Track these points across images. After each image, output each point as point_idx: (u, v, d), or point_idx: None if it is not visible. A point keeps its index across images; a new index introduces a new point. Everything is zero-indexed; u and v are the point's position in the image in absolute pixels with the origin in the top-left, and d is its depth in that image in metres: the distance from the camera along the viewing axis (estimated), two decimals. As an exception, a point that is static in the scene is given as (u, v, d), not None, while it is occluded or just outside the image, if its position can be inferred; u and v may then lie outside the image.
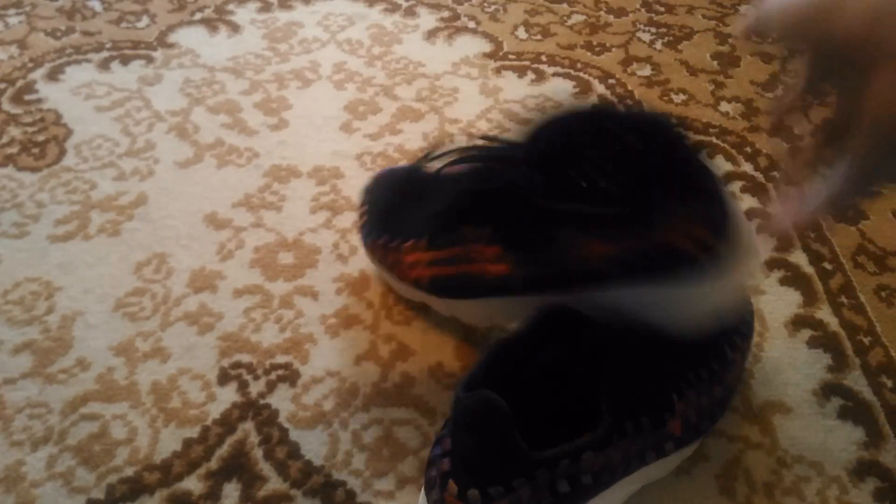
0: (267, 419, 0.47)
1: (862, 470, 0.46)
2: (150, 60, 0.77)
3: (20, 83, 0.73)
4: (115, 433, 0.46)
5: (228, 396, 0.48)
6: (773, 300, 0.56)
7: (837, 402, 0.50)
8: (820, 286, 0.58)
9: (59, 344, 0.51)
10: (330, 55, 0.79)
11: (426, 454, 0.45)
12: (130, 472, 0.44)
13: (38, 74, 0.74)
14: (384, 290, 0.55)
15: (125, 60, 0.77)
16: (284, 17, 0.85)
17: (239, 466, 0.45)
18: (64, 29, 0.81)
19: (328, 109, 0.72)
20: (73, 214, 0.60)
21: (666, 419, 0.41)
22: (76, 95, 0.72)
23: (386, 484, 0.44)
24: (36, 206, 0.61)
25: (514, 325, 0.42)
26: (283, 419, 0.47)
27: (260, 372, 0.50)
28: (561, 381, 0.41)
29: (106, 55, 0.77)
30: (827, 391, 0.50)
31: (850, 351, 0.53)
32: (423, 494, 0.39)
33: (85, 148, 0.66)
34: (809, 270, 0.59)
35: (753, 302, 0.50)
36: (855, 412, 0.49)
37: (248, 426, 0.47)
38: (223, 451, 0.46)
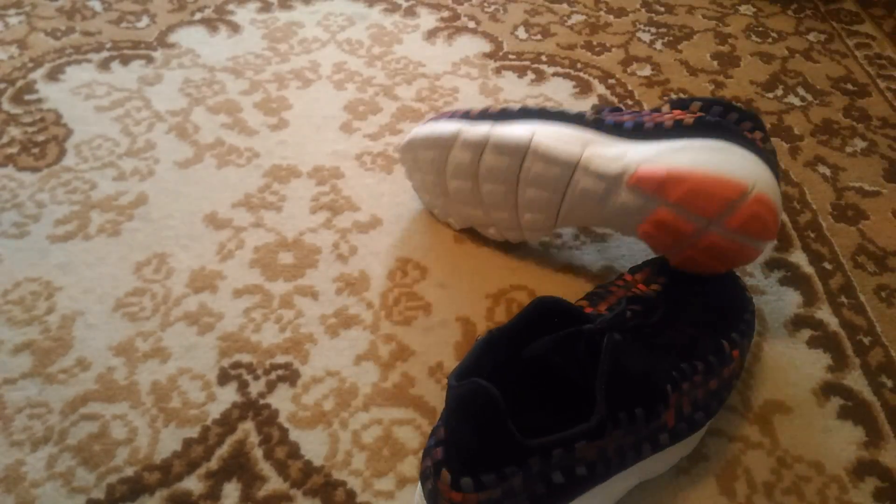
0: (267, 419, 0.47)
1: (862, 470, 0.46)
2: (150, 60, 0.77)
3: (20, 83, 0.73)
4: (115, 433, 0.46)
5: (228, 396, 0.48)
6: (773, 300, 0.56)
7: (837, 402, 0.50)
8: (820, 286, 0.58)
9: (59, 344, 0.51)
10: (330, 55, 0.79)
11: (426, 454, 0.45)
12: (130, 472, 0.44)
13: (38, 74, 0.74)
14: (384, 289, 0.56)
15: (125, 60, 0.77)
16: (284, 17, 0.85)
17: (239, 466, 0.45)
18: (64, 29, 0.81)
19: (328, 109, 0.72)
20: (73, 214, 0.60)
21: (660, 410, 0.41)
22: (76, 95, 0.72)
23: (386, 484, 0.44)
24: (36, 206, 0.61)
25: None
26: (283, 419, 0.47)
27: (260, 372, 0.50)
28: (555, 371, 0.41)
29: (106, 55, 0.77)
30: (827, 391, 0.50)
31: (850, 351, 0.53)
32: (419, 486, 0.39)
33: (85, 148, 0.66)
34: (809, 270, 0.59)
35: (754, 302, 0.50)
36: (855, 412, 0.49)
37: (248, 426, 0.47)
38: (223, 451, 0.46)
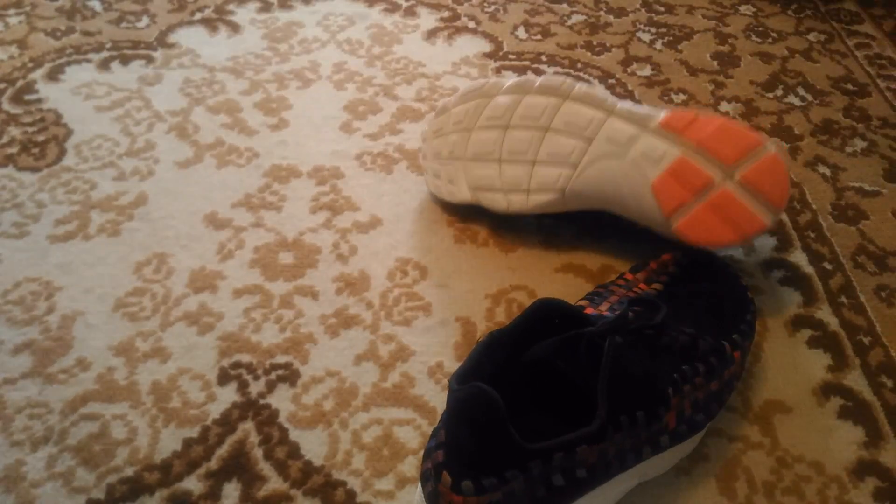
0: (267, 419, 0.47)
1: (862, 470, 0.46)
2: (150, 60, 0.77)
3: (20, 83, 0.73)
4: (115, 433, 0.46)
5: (228, 396, 0.48)
6: (773, 300, 0.56)
7: (837, 401, 0.50)
8: (820, 286, 0.58)
9: (59, 344, 0.51)
10: (330, 55, 0.79)
11: (426, 454, 0.45)
12: (130, 472, 0.44)
13: (38, 74, 0.74)
14: (384, 289, 0.56)
15: (125, 60, 0.77)
16: (284, 17, 0.85)
17: (239, 466, 0.45)
18: (64, 29, 0.81)
19: (328, 109, 0.72)
20: (73, 214, 0.60)
21: (661, 413, 0.41)
22: (76, 95, 0.72)
23: (386, 484, 0.44)
24: (36, 206, 0.61)
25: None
26: (283, 419, 0.47)
27: (260, 372, 0.50)
28: (556, 374, 0.41)
29: (106, 55, 0.77)
30: (827, 391, 0.50)
31: (850, 351, 0.53)
32: (419, 487, 0.39)
33: (85, 148, 0.66)
34: (809, 270, 0.59)
35: (754, 302, 0.50)
36: (855, 412, 0.49)
37: (248, 426, 0.47)
38: (223, 451, 0.46)
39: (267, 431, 0.47)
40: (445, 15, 0.86)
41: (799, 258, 0.60)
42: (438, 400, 0.49)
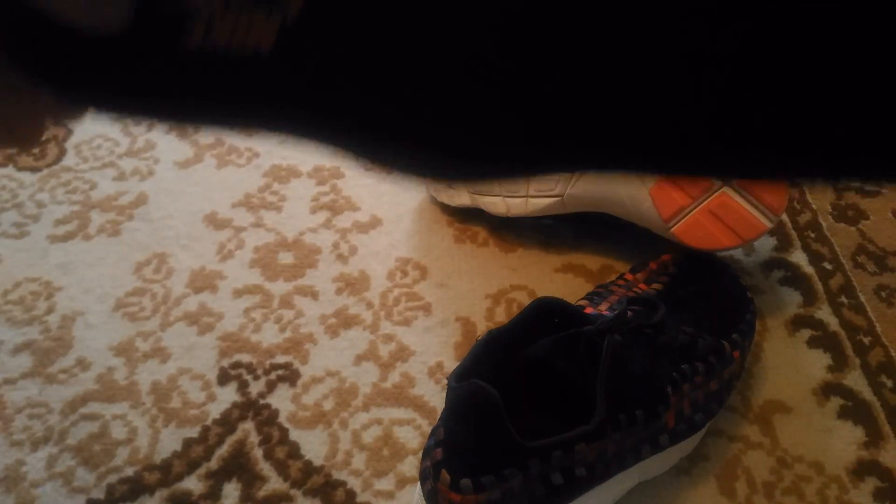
0: (267, 419, 0.47)
1: (862, 470, 0.46)
2: (150, 60, 0.77)
3: (20, 83, 0.73)
4: (115, 433, 0.46)
5: (228, 396, 0.48)
6: (773, 300, 0.56)
7: (837, 402, 0.50)
8: (820, 286, 0.57)
9: (59, 344, 0.51)
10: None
11: (426, 454, 0.45)
12: (130, 472, 0.44)
13: None
14: (384, 289, 0.56)
15: (125, 60, 0.77)
16: (284, 17, 0.85)
17: (239, 466, 0.45)
18: (64, 29, 0.81)
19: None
20: (73, 214, 0.60)
21: (660, 412, 0.41)
22: (76, 95, 0.72)
23: (386, 484, 0.44)
24: (36, 206, 0.61)
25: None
26: (283, 419, 0.47)
27: (260, 372, 0.50)
28: (555, 373, 0.41)
29: (106, 55, 0.77)
30: (827, 391, 0.50)
31: (850, 351, 0.53)
32: (418, 486, 0.39)
33: (85, 148, 0.66)
34: (809, 270, 0.59)
35: (754, 302, 0.50)
36: (855, 412, 0.49)
37: (248, 426, 0.47)
38: (223, 451, 0.46)
39: (267, 431, 0.47)
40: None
41: (799, 258, 0.60)
42: (438, 400, 0.49)
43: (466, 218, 0.61)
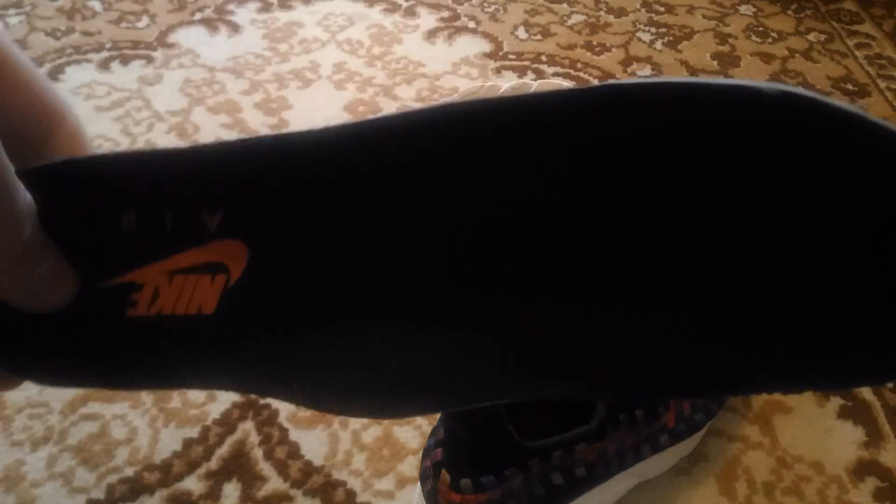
0: (267, 419, 0.47)
1: (862, 470, 0.46)
2: (150, 60, 0.77)
3: (20, 83, 0.73)
4: (115, 433, 0.46)
5: (228, 396, 0.48)
6: (773, 300, 0.56)
7: (837, 401, 0.50)
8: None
9: (59, 344, 0.51)
10: (330, 55, 0.79)
11: (426, 454, 0.45)
12: (130, 472, 0.44)
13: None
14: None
15: (125, 60, 0.77)
16: (284, 17, 0.85)
17: (239, 466, 0.45)
18: (64, 29, 0.81)
19: (328, 109, 0.72)
20: (73, 214, 0.60)
21: (660, 412, 0.41)
22: (76, 95, 0.72)
23: (386, 484, 0.45)
24: (36, 206, 0.61)
25: None
26: (283, 419, 0.47)
27: (260, 372, 0.50)
28: None
29: (106, 55, 0.77)
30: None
31: (850, 351, 0.53)
32: (418, 486, 0.39)
33: (85, 148, 0.66)
34: (809, 270, 0.59)
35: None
36: (855, 412, 0.49)
37: (248, 426, 0.47)
38: (223, 451, 0.46)
39: (267, 431, 0.47)
40: (445, 15, 0.87)
41: (799, 258, 0.60)
42: (438, 400, 0.49)
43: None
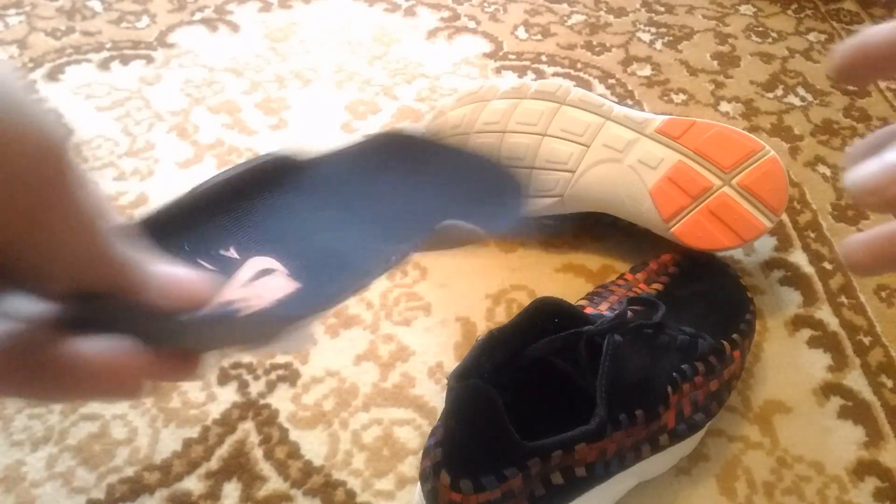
0: (267, 419, 0.47)
1: (862, 470, 0.46)
2: (150, 60, 0.77)
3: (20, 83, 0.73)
4: (115, 433, 0.46)
5: (228, 396, 0.48)
6: (773, 300, 0.56)
7: (837, 402, 0.50)
8: (820, 286, 0.57)
9: (59, 344, 0.51)
10: (330, 55, 0.79)
11: (426, 454, 0.45)
12: (130, 472, 0.44)
13: (38, 74, 0.74)
14: (384, 289, 0.55)
15: (125, 60, 0.77)
16: (284, 17, 0.85)
17: (239, 466, 0.45)
18: (64, 29, 0.81)
19: (328, 109, 0.72)
20: (73, 214, 0.60)
21: (660, 412, 0.41)
22: (76, 95, 0.72)
23: (386, 484, 0.44)
24: (36, 206, 0.61)
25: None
26: (283, 419, 0.47)
27: (260, 372, 0.50)
28: (555, 372, 0.41)
29: (106, 55, 0.77)
30: (827, 391, 0.50)
31: (850, 351, 0.53)
32: (418, 486, 0.39)
33: (85, 148, 0.66)
34: (809, 270, 0.59)
35: (754, 302, 0.50)
36: (855, 412, 0.49)
37: (248, 426, 0.47)
38: (223, 451, 0.46)
39: (267, 431, 0.47)
40: (445, 15, 0.86)
41: (799, 258, 0.60)
42: (438, 400, 0.49)
43: (466, 218, 0.61)
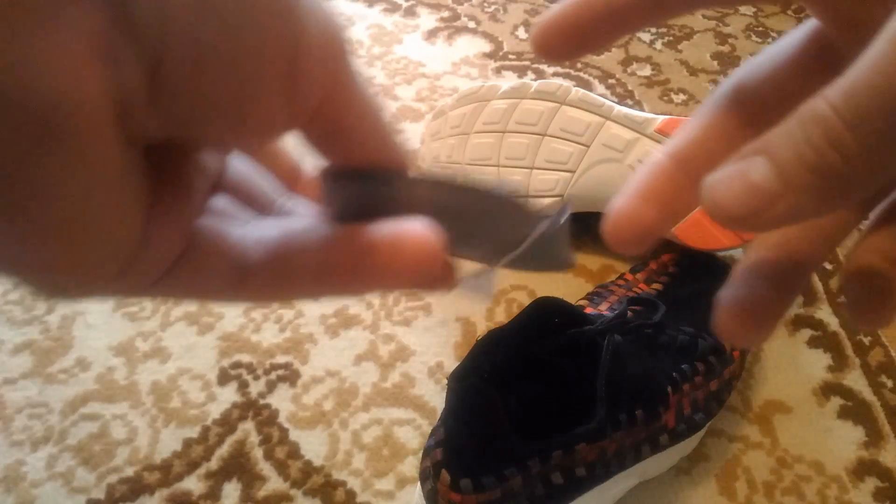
0: (267, 419, 0.47)
1: (862, 470, 0.46)
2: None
3: (20, 83, 0.73)
4: (115, 433, 0.46)
5: (228, 396, 0.48)
6: (773, 300, 0.56)
7: (837, 402, 0.50)
8: (820, 286, 0.57)
9: (59, 344, 0.51)
10: (330, 55, 0.79)
11: (426, 454, 0.45)
12: (130, 472, 0.44)
13: None
14: (384, 290, 0.55)
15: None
16: (284, 17, 0.85)
17: (239, 466, 0.45)
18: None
19: (328, 109, 0.72)
20: (73, 214, 0.60)
21: (660, 412, 0.41)
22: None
23: (386, 484, 0.44)
24: (36, 206, 0.61)
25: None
26: (283, 419, 0.47)
27: (260, 372, 0.50)
28: (555, 372, 0.41)
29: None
30: (827, 391, 0.50)
31: (850, 351, 0.53)
32: (418, 486, 0.39)
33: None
34: (809, 270, 0.59)
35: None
36: (855, 412, 0.49)
37: (248, 426, 0.47)
38: (223, 451, 0.46)
39: (267, 431, 0.47)
40: (445, 15, 0.86)
41: (799, 258, 0.60)
42: (438, 400, 0.49)
43: (466, 218, 0.61)
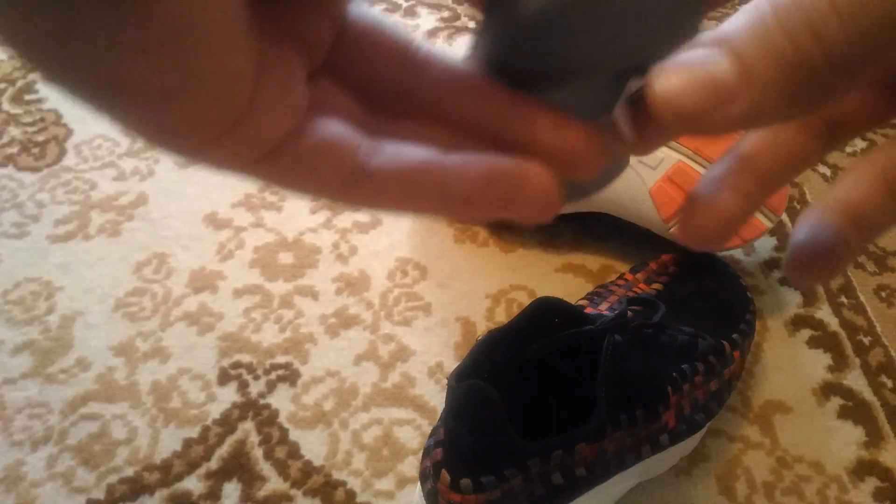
0: (267, 419, 0.47)
1: (862, 470, 0.46)
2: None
3: (20, 83, 0.73)
4: (115, 433, 0.46)
5: (228, 396, 0.48)
6: (773, 300, 0.56)
7: (837, 401, 0.50)
8: (820, 286, 0.57)
9: (59, 344, 0.51)
10: (330, 55, 0.79)
11: (426, 454, 0.45)
12: (130, 472, 0.44)
13: (38, 74, 0.74)
14: (384, 289, 0.56)
15: (125, 60, 0.77)
16: (284, 17, 0.85)
17: (239, 466, 0.45)
18: (64, 29, 0.81)
19: (328, 109, 0.72)
20: (73, 214, 0.60)
21: (660, 411, 0.41)
22: (76, 95, 0.72)
23: (386, 484, 0.44)
24: (36, 206, 0.61)
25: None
26: (283, 419, 0.47)
27: (260, 372, 0.50)
28: (555, 372, 0.41)
29: (106, 55, 0.77)
30: (827, 391, 0.50)
31: (850, 351, 0.53)
32: (418, 486, 0.39)
33: (85, 148, 0.66)
34: (809, 270, 0.59)
35: (754, 302, 0.50)
36: (855, 412, 0.49)
37: (248, 426, 0.47)
38: (223, 451, 0.46)
39: (267, 431, 0.47)
40: (445, 15, 0.86)
41: (799, 258, 0.60)
42: (438, 400, 0.49)
43: (466, 218, 0.61)
